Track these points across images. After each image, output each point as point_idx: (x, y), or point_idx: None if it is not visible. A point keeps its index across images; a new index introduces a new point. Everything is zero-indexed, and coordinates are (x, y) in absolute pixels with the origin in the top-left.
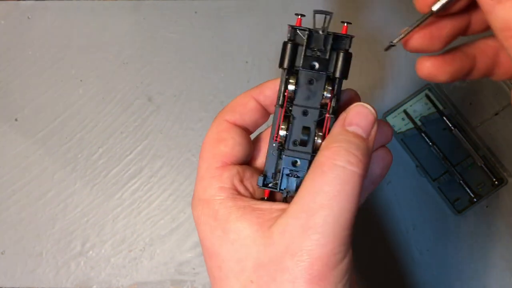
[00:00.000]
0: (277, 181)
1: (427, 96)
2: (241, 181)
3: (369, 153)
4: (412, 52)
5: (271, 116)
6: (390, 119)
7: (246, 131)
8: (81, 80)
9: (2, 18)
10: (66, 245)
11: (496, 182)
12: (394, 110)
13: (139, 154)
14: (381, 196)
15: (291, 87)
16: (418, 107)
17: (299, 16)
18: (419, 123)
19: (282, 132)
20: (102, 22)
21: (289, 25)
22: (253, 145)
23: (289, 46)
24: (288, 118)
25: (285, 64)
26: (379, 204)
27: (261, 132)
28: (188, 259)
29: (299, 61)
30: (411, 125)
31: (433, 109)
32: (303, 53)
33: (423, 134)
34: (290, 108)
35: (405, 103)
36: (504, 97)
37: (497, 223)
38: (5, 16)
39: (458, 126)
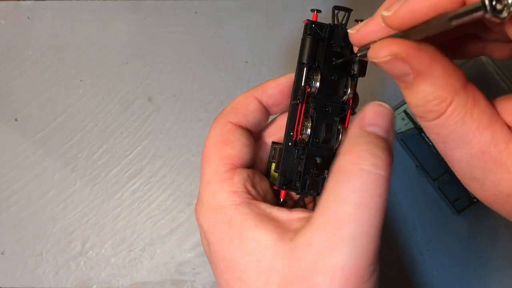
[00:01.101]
0: (297, 182)
1: None
2: (253, 185)
3: (392, 154)
4: None
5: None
6: None
7: (250, 132)
8: (81, 80)
9: (2, 18)
10: (66, 245)
11: None
12: (394, 110)
13: (139, 154)
14: None
15: (316, 83)
16: None
17: (315, 12)
18: (419, 123)
19: (306, 130)
20: (102, 22)
21: (307, 19)
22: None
23: (310, 40)
24: (306, 115)
25: (306, 59)
26: None
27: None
28: (188, 259)
29: (319, 57)
30: (411, 125)
31: None
32: (324, 49)
33: (423, 134)
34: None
35: (405, 103)
36: None
37: (497, 223)
38: (5, 16)
39: None
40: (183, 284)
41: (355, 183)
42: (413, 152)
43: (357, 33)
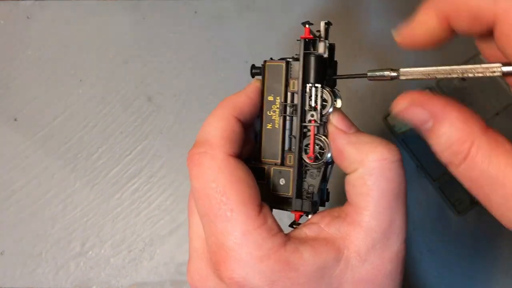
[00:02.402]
0: (312, 201)
1: None
2: (274, 218)
3: None
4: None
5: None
6: (391, 119)
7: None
8: (81, 80)
9: (2, 18)
10: (65, 245)
11: None
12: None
13: (139, 154)
14: None
15: (338, 103)
16: None
17: (307, 25)
18: None
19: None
20: (102, 22)
21: (302, 37)
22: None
23: (316, 61)
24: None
25: (321, 81)
26: None
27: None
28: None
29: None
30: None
31: None
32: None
33: None
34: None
35: None
36: (504, 97)
37: (497, 224)
38: (5, 16)
39: None
40: (182, 285)
41: (383, 175)
42: (414, 152)
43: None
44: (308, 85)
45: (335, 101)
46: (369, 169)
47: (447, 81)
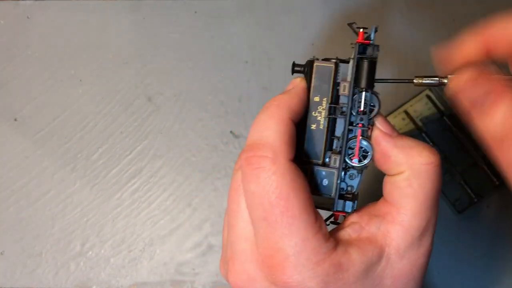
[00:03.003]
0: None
1: (428, 96)
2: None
3: None
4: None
5: None
6: (391, 119)
7: None
8: (80, 80)
9: (2, 18)
10: (65, 245)
11: (497, 183)
12: (395, 110)
13: (139, 154)
14: (381, 197)
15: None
16: (419, 107)
17: (361, 30)
18: (419, 123)
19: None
20: (102, 22)
21: (358, 42)
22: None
23: (369, 64)
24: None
25: (371, 86)
26: None
27: None
28: (188, 259)
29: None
30: (411, 125)
31: (433, 109)
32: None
33: (423, 134)
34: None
35: (406, 103)
36: None
37: (498, 224)
38: (5, 16)
39: (459, 126)
40: (182, 285)
41: (429, 177)
42: None
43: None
44: (358, 89)
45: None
46: (416, 172)
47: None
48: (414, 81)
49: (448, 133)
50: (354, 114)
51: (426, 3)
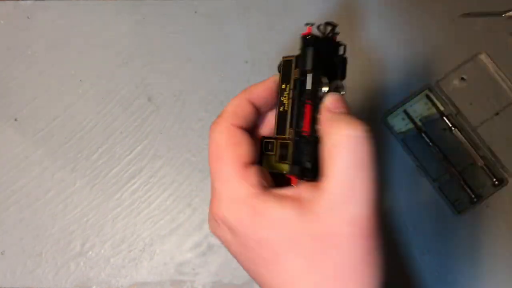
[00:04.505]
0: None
1: (427, 96)
2: (263, 177)
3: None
4: None
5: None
6: (390, 119)
7: (250, 133)
8: (80, 80)
9: (2, 18)
10: (65, 245)
11: (496, 183)
12: (394, 110)
13: (139, 154)
14: (381, 196)
15: (325, 88)
16: (418, 107)
17: (309, 25)
18: (419, 123)
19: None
20: (102, 22)
21: (304, 33)
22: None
23: (311, 50)
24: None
25: (310, 66)
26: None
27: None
28: (188, 259)
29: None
30: (411, 125)
31: (433, 109)
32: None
33: (423, 134)
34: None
35: (405, 103)
36: (504, 97)
37: (497, 224)
38: (5, 16)
39: (458, 126)
40: (182, 285)
41: (347, 147)
42: (413, 152)
43: None
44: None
45: (339, 89)
46: (334, 142)
47: (447, 81)
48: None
49: (447, 133)
50: (306, 94)
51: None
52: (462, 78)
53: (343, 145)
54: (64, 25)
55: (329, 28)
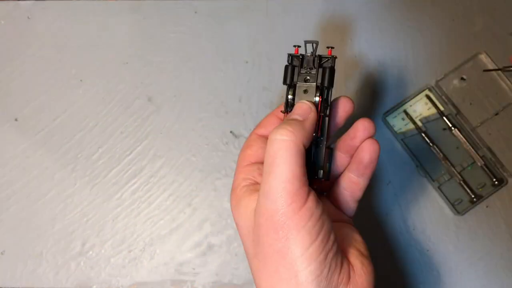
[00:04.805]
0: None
1: (427, 96)
2: (260, 174)
3: (305, 127)
4: None
5: None
6: (390, 119)
7: None
8: (81, 80)
9: (2, 18)
10: (66, 245)
11: (496, 182)
12: (394, 110)
13: (139, 154)
14: (381, 196)
15: (289, 97)
16: (418, 107)
17: (296, 47)
18: (419, 123)
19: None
20: (102, 22)
21: (288, 53)
22: None
23: (289, 68)
24: None
25: (287, 81)
26: (379, 204)
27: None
28: (188, 259)
29: (297, 78)
30: (411, 125)
31: (433, 109)
32: (298, 72)
33: (423, 134)
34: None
35: (405, 103)
36: (504, 97)
37: (497, 223)
38: (5, 16)
39: (458, 126)
40: (183, 284)
41: (268, 150)
42: (413, 152)
43: None
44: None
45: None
46: (268, 144)
47: (447, 81)
48: None
49: (447, 133)
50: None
51: (425, 4)
52: (462, 78)
53: (269, 147)
54: (64, 25)
55: (313, 45)
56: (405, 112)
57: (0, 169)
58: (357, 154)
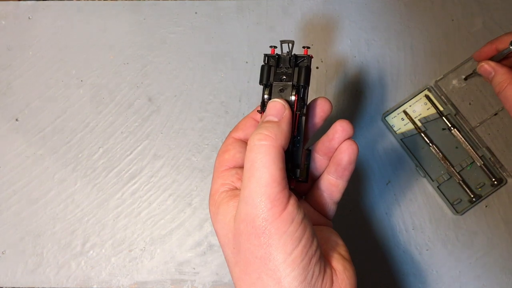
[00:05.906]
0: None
1: (427, 96)
2: (239, 179)
3: (281, 128)
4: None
5: None
6: (390, 119)
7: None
8: (81, 80)
9: (3, 18)
10: (66, 245)
11: (495, 182)
12: (394, 110)
13: (140, 154)
14: (380, 196)
15: (265, 96)
16: (418, 107)
17: (272, 47)
18: (418, 123)
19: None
20: (102, 22)
21: (264, 54)
22: None
23: (265, 68)
24: None
25: (263, 81)
26: (379, 204)
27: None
28: (188, 258)
29: (273, 77)
30: (410, 125)
31: (432, 109)
32: (274, 71)
33: (422, 134)
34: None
35: (405, 103)
36: None
37: (496, 223)
38: (6, 16)
39: (458, 126)
40: (183, 284)
41: (248, 155)
42: (413, 152)
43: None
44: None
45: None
46: (247, 149)
47: (446, 81)
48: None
49: (447, 133)
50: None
51: (425, 4)
52: (462, 78)
53: (248, 152)
54: (65, 26)
55: (288, 45)
56: (405, 112)
57: (0, 169)
58: (336, 156)
